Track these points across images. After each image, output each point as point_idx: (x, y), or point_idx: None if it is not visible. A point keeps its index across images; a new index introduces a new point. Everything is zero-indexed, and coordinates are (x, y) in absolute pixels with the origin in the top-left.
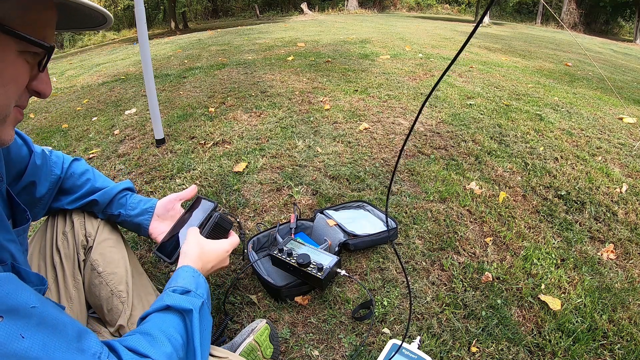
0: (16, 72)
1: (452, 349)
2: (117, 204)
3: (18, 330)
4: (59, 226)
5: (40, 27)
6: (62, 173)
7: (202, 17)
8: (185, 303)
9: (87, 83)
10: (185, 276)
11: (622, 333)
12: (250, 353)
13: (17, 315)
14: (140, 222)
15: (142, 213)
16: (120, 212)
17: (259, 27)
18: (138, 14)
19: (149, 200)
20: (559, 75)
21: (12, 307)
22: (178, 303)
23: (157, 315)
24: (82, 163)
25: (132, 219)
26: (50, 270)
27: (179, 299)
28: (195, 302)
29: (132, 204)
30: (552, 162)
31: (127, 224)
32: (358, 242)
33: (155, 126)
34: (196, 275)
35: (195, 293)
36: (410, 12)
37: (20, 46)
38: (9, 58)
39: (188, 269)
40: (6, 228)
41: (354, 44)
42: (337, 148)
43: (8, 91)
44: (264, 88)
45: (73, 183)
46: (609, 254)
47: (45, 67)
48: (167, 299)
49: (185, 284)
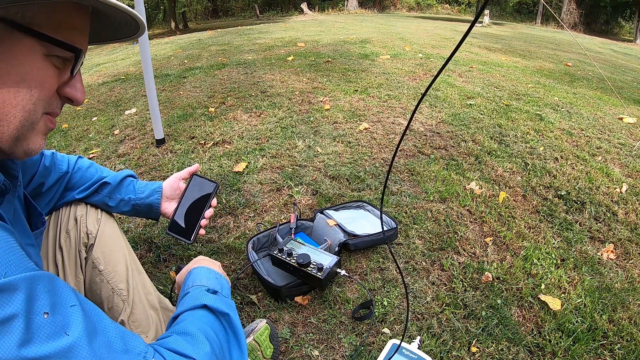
0: (42, 76)
1: (452, 349)
2: (126, 189)
3: (63, 328)
4: (62, 224)
5: (69, 30)
6: (69, 168)
7: (202, 17)
8: (222, 305)
9: (87, 83)
10: (208, 277)
11: (622, 333)
12: (250, 353)
13: (60, 313)
14: (152, 202)
15: (151, 194)
16: (130, 197)
17: (259, 27)
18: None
19: (154, 183)
20: (559, 75)
21: (55, 304)
22: (215, 304)
23: (191, 313)
24: (85, 159)
25: (143, 200)
26: (52, 268)
27: (214, 299)
28: (229, 302)
29: (140, 188)
30: (552, 162)
31: (138, 208)
32: (358, 242)
33: (155, 126)
34: (218, 276)
35: (221, 294)
36: (410, 12)
37: (46, 49)
38: (33, 61)
39: (208, 270)
40: (27, 232)
41: (354, 44)
42: (337, 148)
43: (33, 96)
44: (264, 88)
45: (82, 175)
46: (609, 254)
47: (77, 72)
48: (204, 299)
49: (210, 284)
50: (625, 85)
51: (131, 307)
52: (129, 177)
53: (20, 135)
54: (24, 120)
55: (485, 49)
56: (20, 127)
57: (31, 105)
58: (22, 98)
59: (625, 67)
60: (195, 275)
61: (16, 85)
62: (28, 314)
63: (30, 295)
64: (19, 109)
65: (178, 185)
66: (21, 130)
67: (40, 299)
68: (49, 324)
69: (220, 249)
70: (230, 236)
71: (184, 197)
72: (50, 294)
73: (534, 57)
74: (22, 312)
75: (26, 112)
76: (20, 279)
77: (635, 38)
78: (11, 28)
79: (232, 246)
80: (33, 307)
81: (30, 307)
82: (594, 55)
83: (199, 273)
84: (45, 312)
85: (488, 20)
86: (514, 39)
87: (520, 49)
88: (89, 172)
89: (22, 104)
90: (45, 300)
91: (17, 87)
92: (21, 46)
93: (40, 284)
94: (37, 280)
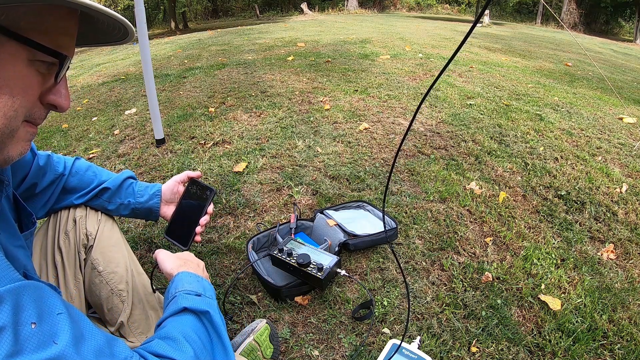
0: (25, 82)
1: (452, 349)
2: (125, 192)
3: (51, 337)
4: (61, 225)
5: (55, 35)
6: (66, 171)
7: (202, 17)
8: (202, 305)
9: (87, 83)
10: (190, 281)
11: (622, 333)
12: (251, 353)
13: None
14: (151, 206)
15: (151, 197)
16: (130, 200)
17: (259, 27)
18: (138, 14)
19: (154, 186)
20: (559, 75)
21: (42, 313)
22: (195, 305)
23: (173, 318)
24: (83, 160)
25: (142, 205)
26: (51, 269)
27: (194, 300)
28: (210, 302)
29: (140, 191)
30: (552, 162)
31: (138, 211)
32: (358, 242)
33: (155, 126)
34: (200, 279)
35: (205, 296)
36: (410, 12)
37: (30, 54)
38: (17, 67)
39: (189, 274)
40: (15, 234)
41: (354, 44)
42: (337, 148)
43: (15, 102)
44: (264, 88)
45: (80, 179)
46: (609, 254)
47: (61, 78)
48: (183, 301)
49: (193, 288)
50: (625, 85)
51: (131, 307)
52: (129, 178)
53: (1, 143)
54: (3, 127)
55: (485, 49)
56: (1, 134)
57: (12, 112)
58: (4, 104)
59: (625, 67)
60: (177, 282)
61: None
62: (15, 325)
63: (17, 306)
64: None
65: (177, 189)
66: (1, 138)
67: (27, 309)
68: (37, 334)
69: (220, 249)
70: (230, 236)
71: (181, 202)
72: (37, 304)
73: (534, 57)
74: (9, 323)
75: (7, 119)
76: (5, 291)
77: (635, 38)
78: None
79: (232, 246)
80: (20, 318)
81: (17, 318)
82: (594, 55)
83: (182, 279)
84: (32, 322)
85: (488, 20)
86: (514, 39)
87: (520, 49)
88: (87, 176)
89: (3, 110)
90: (32, 310)
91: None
92: (4, 50)
93: (26, 294)
94: (22, 291)
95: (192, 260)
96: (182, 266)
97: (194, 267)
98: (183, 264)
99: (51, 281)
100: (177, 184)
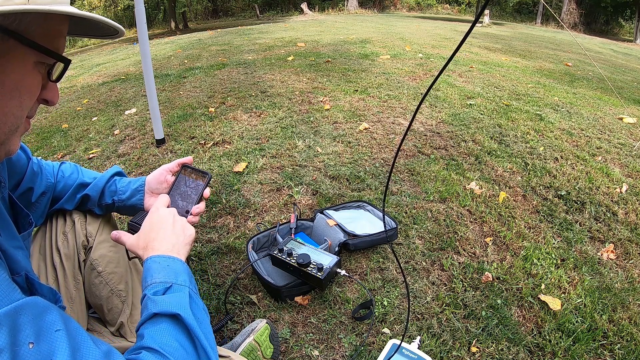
0: (31, 82)
1: (452, 349)
2: (109, 192)
3: (49, 356)
4: (59, 226)
5: (54, 38)
6: (54, 178)
7: (202, 17)
8: (171, 307)
9: (87, 83)
10: (157, 268)
11: (622, 333)
12: (251, 353)
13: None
14: (134, 203)
15: (133, 194)
16: (114, 199)
17: (259, 27)
18: (138, 14)
19: (138, 180)
20: (559, 75)
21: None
22: (164, 308)
23: (149, 326)
24: (68, 164)
25: (124, 202)
26: (50, 270)
27: (162, 302)
28: (181, 299)
29: (122, 188)
30: (552, 162)
31: (123, 209)
32: (358, 242)
33: (155, 126)
34: (170, 261)
35: (176, 285)
36: (410, 12)
37: (37, 57)
38: (26, 69)
39: (156, 259)
40: (14, 235)
41: (354, 44)
42: (337, 148)
43: (23, 102)
44: (264, 88)
45: (65, 183)
46: (609, 254)
47: (61, 77)
48: (152, 306)
49: (162, 277)
50: (625, 85)
51: (131, 308)
52: (115, 175)
53: (6, 139)
54: (12, 125)
55: (485, 49)
56: (8, 132)
57: (21, 112)
58: (14, 105)
59: (625, 67)
60: (146, 273)
61: (10, 94)
62: (13, 346)
63: (14, 327)
64: (9, 116)
65: (165, 178)
66: (7, 135)
67: (24, 329)
68: (34, 354)
69: (220, 249)
70: (230, 236)
71: (173, 190)
72: (35, 322)
73: (534, 57)
74: (6, 346)
75: (16, 118)
76: (3, 314)
77: (635, 38)
78: (7, 36)
79: (232, 246)
80: (17, 339)
81: (14, 339)
82: (594, 55)
83: (150, 268)
84: (30, 342)
85: (488, 20)
86: (514, 39)
87: (520, 49)
88: (70, 180)
89: (13, 111)
90: (29, 330)
91: (10, 95)
92: (16, 54)
93: (23, 314)
94: (20, 311)
95: (164, 221)
96: (151, 243)
97: (168, 235)
98: (153, 239)
99: (51, 282)
100: (165, 173)
